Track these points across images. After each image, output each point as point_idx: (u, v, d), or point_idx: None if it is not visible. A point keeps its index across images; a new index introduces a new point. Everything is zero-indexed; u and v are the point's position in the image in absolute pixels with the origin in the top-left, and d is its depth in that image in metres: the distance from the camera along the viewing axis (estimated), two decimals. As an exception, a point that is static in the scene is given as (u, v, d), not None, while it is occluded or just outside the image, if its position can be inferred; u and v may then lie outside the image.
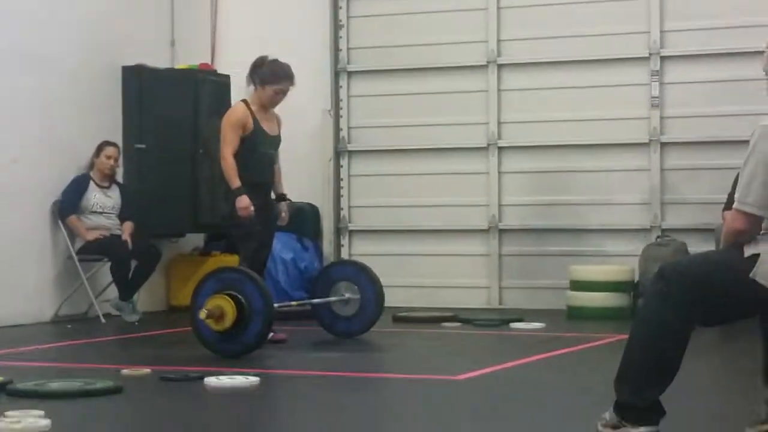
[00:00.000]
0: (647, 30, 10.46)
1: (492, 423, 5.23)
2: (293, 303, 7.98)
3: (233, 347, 7.22)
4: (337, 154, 11.34)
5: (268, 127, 8.10)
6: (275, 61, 8.09)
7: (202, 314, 7.14)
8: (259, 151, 7.99)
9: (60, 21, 9.89)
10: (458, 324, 9.47)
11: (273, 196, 8.28)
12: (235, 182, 7.80)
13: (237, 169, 7.83)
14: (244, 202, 7.75)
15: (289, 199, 8.39)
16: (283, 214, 8.24)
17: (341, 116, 11.35)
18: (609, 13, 10.59)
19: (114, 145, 10.00)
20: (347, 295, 8.43)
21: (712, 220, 9.82)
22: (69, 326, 9.43)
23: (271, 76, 8.02)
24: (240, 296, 7.18)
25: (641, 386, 4.23)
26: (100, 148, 9.91)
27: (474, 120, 10.96)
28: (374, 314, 8.47)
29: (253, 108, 8.03)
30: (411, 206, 11.10)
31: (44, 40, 9.72)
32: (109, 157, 9.90)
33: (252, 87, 8.08)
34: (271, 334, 7.86)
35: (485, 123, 10.93)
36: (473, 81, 10.98)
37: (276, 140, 8.20)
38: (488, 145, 10.90)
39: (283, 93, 8.08)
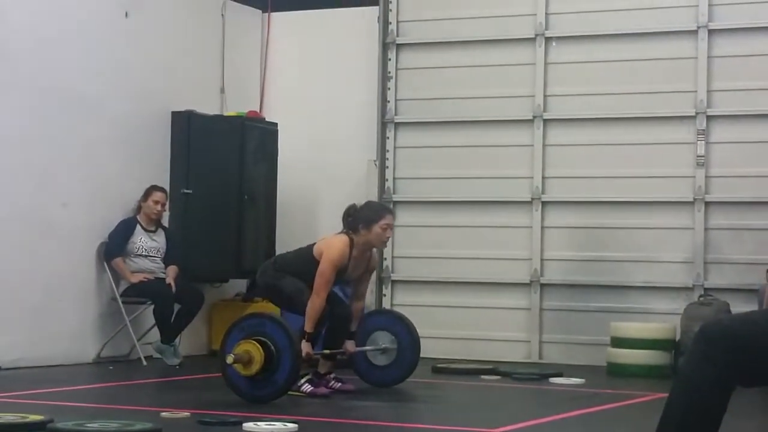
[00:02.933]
0: (694, 89, 10.47)
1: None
2: (326, 351, 8.00)
3: (265, 391, 7.25)
4: (382, 204, 11.38)
5: (352, 270, 8.01)
6: (369, 202, 8.11)
7: (230, 359, 7.17)
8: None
9: (112, 66, 10.03)
10: (497, 377, 9.45)
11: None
12: (311, 327, 7.72)
13: (293, 271, 7.83)
14: (306, 349, 7.61)
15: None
16: (349, 351, 8.18)
17: (387, 167, 11.40)
18: (656, 71, 10.61)
19: (162, 190, 10.09)
20: (384, 345, 8.44)
21: (755, 281, 9.78)
22: (111, 367, 9.49)
23: (374, 214, 7.95)
24: (265, 339, 7.23)
25: (680, 445, 4.21)
26: (148, 193, 10.01)
27: (519, 174, 10.99)
28: (411, 364, 8.47)
29: (355, 251, 7.90)
30: (454, 258, 11.11)
31: (96, 85, 9.87)
32: (156, 202, 9.99)
33: (348, 234, 7.92)
34: (339, 383, 7.92)
35: (530, 177, 10.95)
36: (519, 135, 11.01)
37: (350, 280, 8.14)
38: (532, 199, 10.92)
39: (390, 227, 8.02)
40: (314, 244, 7.99)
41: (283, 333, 7.24)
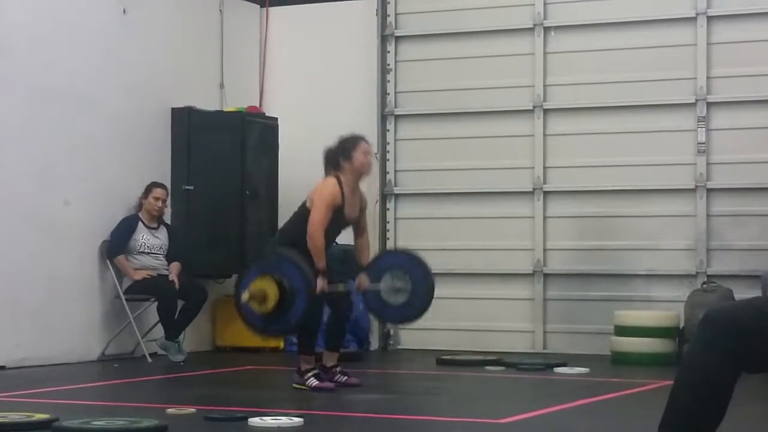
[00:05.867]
0: (694, 76, 10.46)
1: (535, 467, 5.22)
2: (339, 285, 7.94)
3: (275, 329, 7.38)
4: (384, 197, 11.39)
5: (349, 209, 8.00)
6: (340, 137, 8.07)
7: (245, 297, 7.26)
8: (330, 232, 7.92)
9: (111, 63, 10.03)
10: (502, 368, 9.46)
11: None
12: (322, 263, 7.68)
13: (296, 237, 7.79)
14: (320, 284, 7.61)
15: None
16: (362, 286, 8.17)
17: (388, 159, 11.41)
18: (655, 58, 10.61)
19: (162, 186, 10.10)
20: (398, 284, 8.39)
21: (758, 267, 9.79)
22: (115, 365, 9.50)
23: (350, 144, 7.96)
24: (281, 278, 7.26)
25: (686, 433, 4.21)
26: (148, 190, 10.01)
27: (520, 164, 10.99)
28: (423, 305, 8.34)
29: (345, 189, 7.91)
30: (456, 249, 11.11)
31: (95, 82, 9.87)
32: (157, 199, 10.00)
33: (332, 175, 7.93)
34: (345, 377, 7.93)
35: (531, 167, 10.95)
36: (519, 125, 11.01)
37: (350, 222, 8.12)
38: (534, 189, 10.92)
39: (370, 152, 8.04)
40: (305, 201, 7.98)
41: (299, 272, 7.27)
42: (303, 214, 7.89)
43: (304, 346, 7.85)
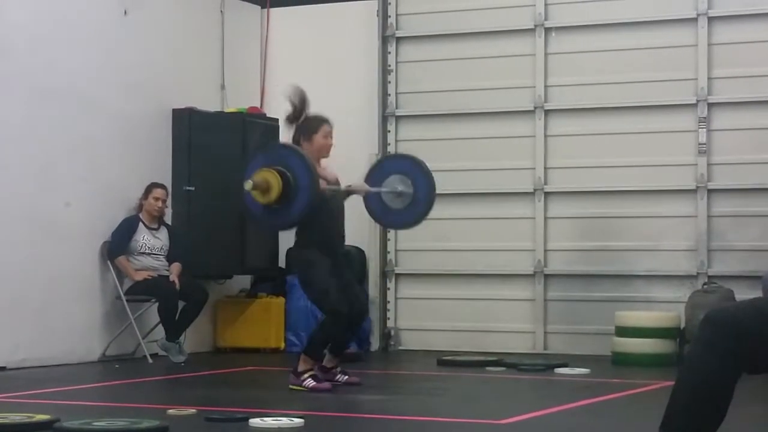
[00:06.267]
0: (695, 77, 10.46)
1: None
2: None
3: (277, 221, 7.48)
4: (384, 197, 11.37)
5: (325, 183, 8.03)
6: (307, 116, 8.08)
7: (248, 185, 7.31)
8: (329, 208, 7.94)
9: (111, 64, 10.03)
10: (503, 368, 9.46)
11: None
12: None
13: (307, 232, 7.84)
14: (324, 183, 7.67)
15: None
16: (364, 189, 8.19)
17: (388, 160, 11.39)
18: (656, 59, 10.61)
19: (162, 186, 10.10)
20: (400, 188, 8.39)
21: (759, 267, 9.79)
22: (116, 366, 9.51)
23: (312, 125, 8.02)
24: (287, 171, 7.28)
25: (686, 433, 4.21)
26: (148, 190, 10.02)
27: (521, 165, 10.99)
28: (425, 209, 8.41)
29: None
30: (457, 250, 11.11)
31: (96, 83, 9.87)
32: (157, 199, 10.00)
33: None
34: (346, 376, 7.94)
35: (532, 168, 10.95)
36: (520, 126, 11.02)
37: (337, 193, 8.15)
38: (535, 190, 10.91)
39: (330, 134, 8.08)
40: None
41: (306, 171, 7.32)
42: None
43: (312, 350, 7.83)
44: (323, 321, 7.85)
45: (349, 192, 8.19)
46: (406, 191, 8.34)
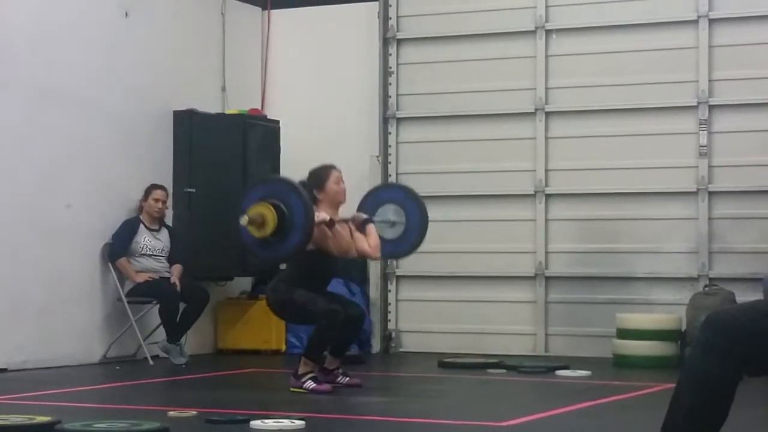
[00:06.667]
0: (696, 79, 10.46)
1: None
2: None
3: (269, 254, 7.56)
4: (385, 199, 11.37)
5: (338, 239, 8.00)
6: (311, 169, 8.08)
7: (243, 221, 7.37)
8: (324, 266, 7.97)
9: (112, 66, 10.04)
10: (503, 370, 9.45)
11: None
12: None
13: (296, 280, 7.84)
14: (320, 216, 7.65)
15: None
16: (357, 219, 8.13)
17: (390, 162, 11.41)
18: (657, 61, 10.61)
19: (162, 188, 10.10)
20: (392, 218, 8.39)
21: (760, 269, 9.79)
22: (117, 367, 9.51)
23: (321, 174, 8.01)
24: (283, 207, 7.32)
25: (687, 436, 4.21)
26: (148, 192, 10.03)
27: (521, 167, 10.99)
28: (416, 241, 8.48)
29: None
30: (458, 252, 11.11)
31: (97, 85, 9.88)
32: (157, 200, 10.00)
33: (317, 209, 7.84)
34: (347, 378, 7.95)
35: (532, 170, 10.95)
36: (521, 128, 11.02)
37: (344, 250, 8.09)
38: (535, 192, 10.91)
39: (341, 179, 8.05)
40: None
41: (304, 210, 7.35)
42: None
43: (311, 352, 7.84)
44: (320, 323, 7.85)
45: (351, 223, 8.12)
46: (399, 221, 8.36)
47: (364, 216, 8.16)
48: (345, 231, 7.93)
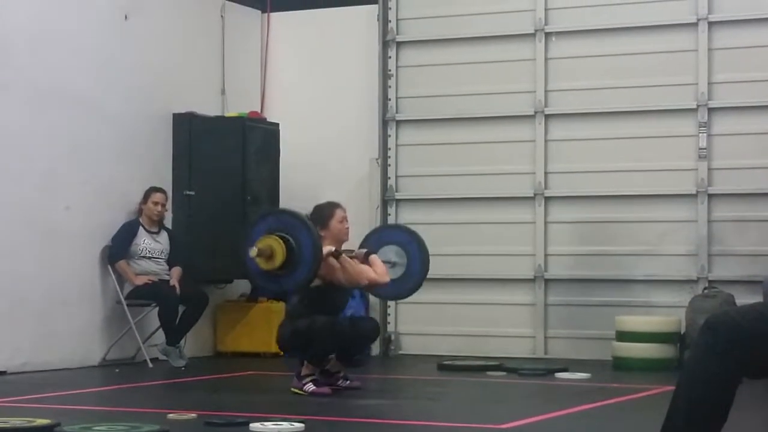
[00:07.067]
0: (695, 81, 10.46)
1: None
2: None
3: (275, 287, 7.61)
4: (385, 202, 11.39)
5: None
6: (315, 206, 8.09)
7: (252, 252, 7.37)
8: (334, 303, 7.97)
9: (112, 69, 10.04)
10: (503, 373, 9.45)
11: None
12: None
13: (303, 314, 7.81)
14: (327, 249, 7.64)
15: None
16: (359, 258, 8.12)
17: (389, 165, 11.41)
18: (657, 64, 10.61)
19: (161, 190, 10.10)
20: (393, 260, 8.40)
21: (759, 272, 9.78)
22: (117, 370, 9.51)
23: (325, 212, 8.00)
24: (293, 241, 7.33)
25: (687, 438, 4.21)
26: (147, 194, 10.03)
27: (521, 170, 10.99)
28: (415, 285, 8.49)
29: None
30: (457, 255, 11.10)
31: (96, 87, 9.88)
32: (156, 203, 10.00)
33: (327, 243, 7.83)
34: (347, 381, 7.95)
35: (532, 173, 10.94)
36: (520, 131, 11.02)
37: (350, 291, 8.15)
38: (535, 194, 10.92)
39: (346, 218, 8.04)
40: None
41: (312, 247, 7.36)
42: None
43: (314, 358, 7.83)
44: (323, 331, 7.82)
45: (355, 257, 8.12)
46: (400, 263, 8.37)
47: (365, 250, 8.15)
48: (352, 261, 7.91)
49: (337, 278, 7.80)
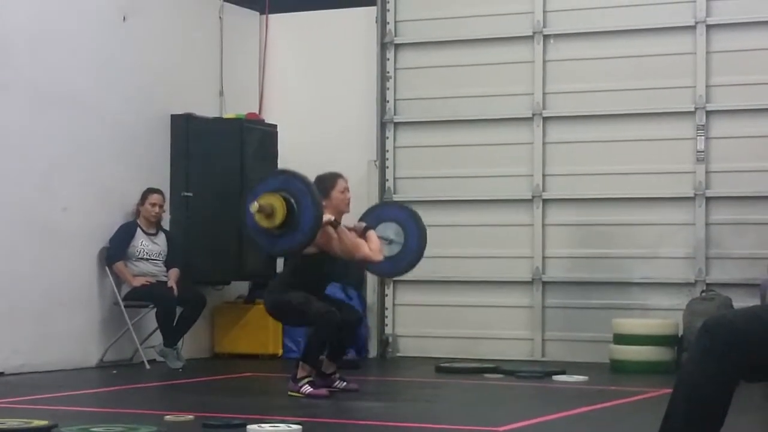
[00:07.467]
0: (693, 84, 10.47)
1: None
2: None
3: (269, 245, 7.64)
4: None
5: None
6: (318, 176, 8.09)
7: (254, 207, 7.40)
8: (323, 272, 8.02)
9: (110, 70, 10.04)
10: (501, 375, 9.46)
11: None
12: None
13: (294, 283, 7.88)
14: (327, 217, 7.68)
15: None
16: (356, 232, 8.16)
17: (387, 167, 11.41)
18: (655, 67, 10.62)
19: (158, 191, 10.10)
20: (390, 237, 8.41)
21: (757, 275, 9.79)
22: (114, 371, 9.50)
23: (327, 183, 8.02)
24: (294, 204, 7.36)
25: (684, 441, 4.21)
26: (144, 196, 10.02)
27: (519, 172, 10.99)
28: (411, 263, 8.50)
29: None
30: (455, 257, 11.11)
31: (94, 88, 9.88)
32: (153, 204, 10.00)
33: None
34: (344, 383, 7.96)
35: (530, 175, 10.95)
36: (519, 133, 11.02)
37: (341, 261, 8.15)
38: (533, 197, 10.92)
39: (347, 189, 8.08)
40: None
41: (313, 212, 7.39)
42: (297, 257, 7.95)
43: (308, 355, 7.84)
44: (316, 325, 7.84)
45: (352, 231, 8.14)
46: (397, 240, 8.39)
47: (364, 224, 8.18)
48: (349, 233, 7.96)
49: (333, 248, 7.83)
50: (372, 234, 8.09)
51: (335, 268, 8.14)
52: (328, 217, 7.72)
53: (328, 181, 8.04)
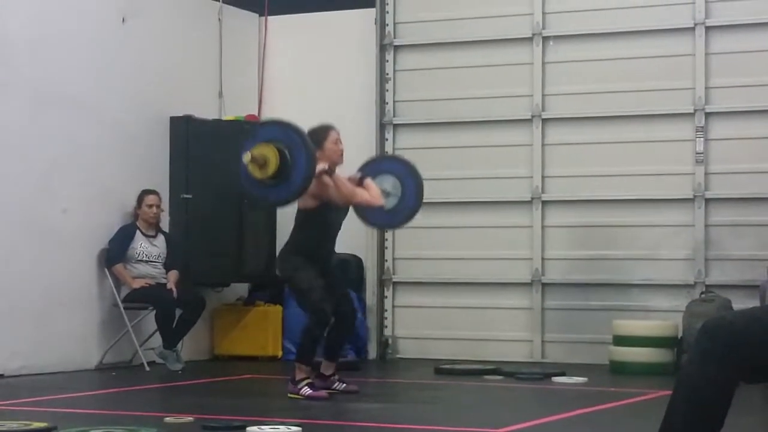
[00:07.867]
0: (692, 86, 10.47)
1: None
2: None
3: (262, 195, 7.69)
4: (382, 206, 11.37)
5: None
6: (311, 128, 8.11)
7: (246, 158, 7.43)
8: (327, 223, 8.02)
9: (109, 72, 10.04)
10: (500, 377, 9.46)
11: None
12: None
13: (299, 241, 7.90)
14: (320, 167, 7.71)
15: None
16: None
17: (386, 168, 11.39)
18: (654, 68, 10.62)
19: (154, 192, 10.09)
20: (387, 189, 8.42)
21: (756, 277, 9.79)
22: (113, 374, 9.50)
23: (319, 135, 8.05)
24: (287, 154, 7.36)
25: (683, 443, 4.21)
26: (141, 198, 10.02)
27: (518, 174, 10.99)
28: (412, 210, 8.52)
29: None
30: (455, 259, 11.11)
31: (94, 90, 9.88)
32: (150, 206, 9.99)
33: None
34: (344, 384, 7.96)
35: (529, 177, 10.95)
36: (518, 135, 11.02)
37: (344, 211, 8.19)
38: (532, 198, 10.92)
39: (340, 140, 8.13)
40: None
41: (305, 151, 7.39)
42: (299, 211, 8.01)
43: (302, 355, 7.85)
44: (307, 323, 7.85)
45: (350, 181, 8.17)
46: (394, 193, 8.39)
47: (361, 174, 8.20)
48: (345, 180, 7.98)
49: (331, 196, 7.85)
50: (369, 182, 8.14)
51: (339, 217, 8.12)
52: (321, 165, 7.73)
53: (321, 133, 8.06)
